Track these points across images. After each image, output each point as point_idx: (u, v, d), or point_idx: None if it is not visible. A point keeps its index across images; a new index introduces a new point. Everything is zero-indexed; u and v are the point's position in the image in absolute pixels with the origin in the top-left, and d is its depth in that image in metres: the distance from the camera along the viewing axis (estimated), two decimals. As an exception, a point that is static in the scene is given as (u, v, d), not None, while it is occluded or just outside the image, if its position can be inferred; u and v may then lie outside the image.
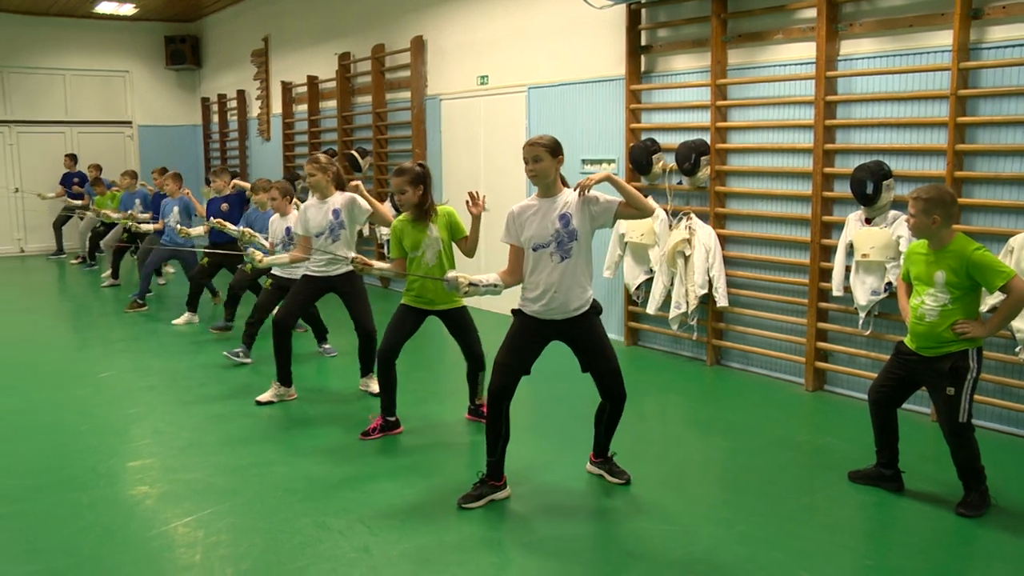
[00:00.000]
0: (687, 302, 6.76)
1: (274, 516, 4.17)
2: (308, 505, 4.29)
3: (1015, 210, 5.12)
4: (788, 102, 6.24)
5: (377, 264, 5.28)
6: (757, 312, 6.60)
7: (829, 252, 6.06)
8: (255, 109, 14.11)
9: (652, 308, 7.06)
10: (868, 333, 5.82)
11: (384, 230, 10.05)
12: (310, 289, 5.91)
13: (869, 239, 5.62)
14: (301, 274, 6.01)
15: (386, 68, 10.58)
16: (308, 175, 5.84)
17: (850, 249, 5.78)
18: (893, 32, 5.61)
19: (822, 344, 6.17)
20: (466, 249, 5.11)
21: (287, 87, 12.85)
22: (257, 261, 6.09)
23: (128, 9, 14.26)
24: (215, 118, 15.77)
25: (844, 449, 5.02)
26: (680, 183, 6.98)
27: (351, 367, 6.48)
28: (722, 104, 6.63)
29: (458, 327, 5.27)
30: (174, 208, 9.15)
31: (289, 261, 6.11)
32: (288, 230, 6.85)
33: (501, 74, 8.80)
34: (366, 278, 6.16)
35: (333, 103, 11.70)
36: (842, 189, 5.91)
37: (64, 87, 15.20)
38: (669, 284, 6.91)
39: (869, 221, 5.68)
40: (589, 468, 4.66)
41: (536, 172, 4.16)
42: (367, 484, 4.56)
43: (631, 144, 7.22)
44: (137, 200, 10.68)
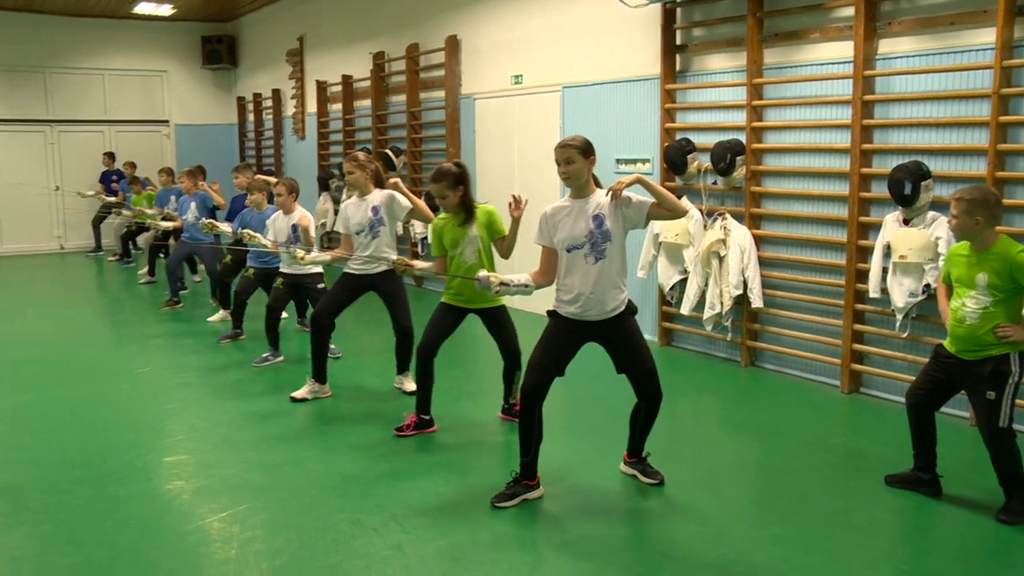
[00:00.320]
0: (721, 303, 6.72)
1: (309, 512, 4.20)
2: (342, 502, 4.31)
3: (1058, 211, 5.05)
4: (825, 102, 6.19)
5: (418, 264, 5.30)
6: (792, 313, 6.55)
7: (866, 253, 6.00)
8: (290, 108, 14.21)
9: (686, 309, 7.03)
10: (905, 335, 5.75)
11: (419, 228, 10.08)
12: (349, 287, 5.93)
13: (907, 240, 5.55)
14: (342, 272, 6.02)
15: (420, 67, 10.61)
16: (347, 172, 5.88)
17: (887, 250, 5.72)
18: (934, 30, 5.54)
19: (858, 346, 6.11)
20: (503, 250, 5.12)
21: (322, 86, 12.94)
22: (300, 259, 6.12)
23: (166, 10, 14.42)
24: (250, 117, 15.91)
25: (880, 452, 4.96)
26: (715, 183, 6.94)
27: (386, 365, 6.51)
28: (758, 104, 6.59)
29: (497, 325, 5.28)
30: (191, 204, 9.20)
31: (331, 260, 6.14)
32: (294, 227, 6.86)
33: (535, 73, 8.80)
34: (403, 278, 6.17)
35: (367, 102, 11.75)
36: (879, 190, 5.85)
37: (103, 87, 15.42)
38: (703, 284, 6.87)
39: (907, 222, 5.61)
40: (623, 468, 4.65)
41: (569, 173, 4.16)
42: (401, 481, 4.58)
43: (666, 144, 7.19)
44: (172, 197, 10.79)
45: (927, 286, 5.51)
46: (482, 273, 4.29)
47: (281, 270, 6.97)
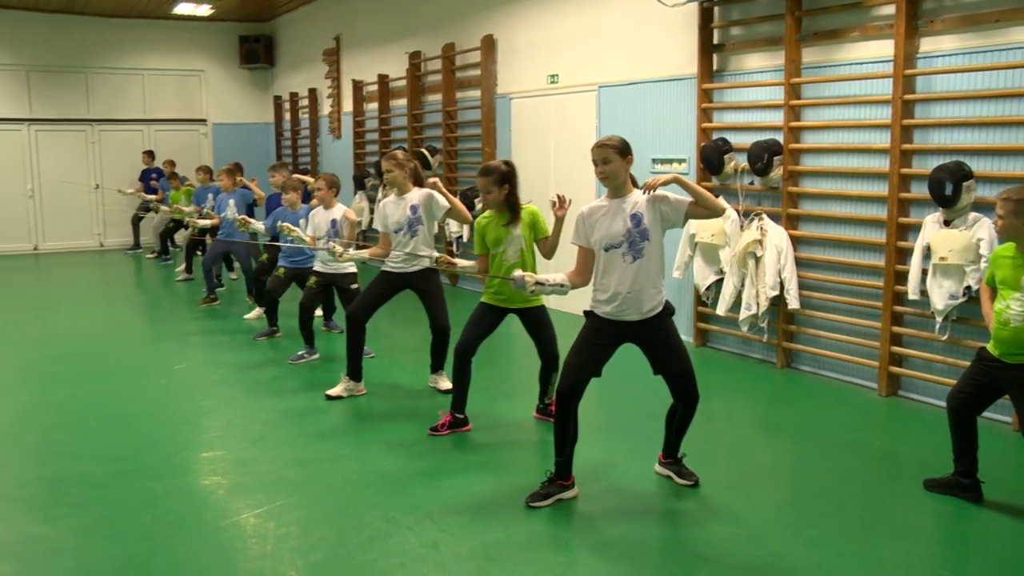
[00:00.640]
0: (758, 303, 6.67)
1: (344, 510, 4.22)
2: (377, 499, 4.33)
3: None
4: (864, 101, 6.12)
5: (460, 262, 5.31)
6: (829, 315, 6.49)
7: (905, 255, 5.92)
8: (326, 107, 14.30)
9: (722, 309, 6.98)
10: (945, 338, 5.67)
11: (454, 227, 10.10)
12: (386, 285, 5.94)
13: (948, 242, 5.48)
14: (380, 270, 6.04)
15: (456, 67, 10.64)
16: (386, 171, 5.89)
17: (927, 252, 5.64)
18: (977, 28, 5.45)
19: (897, 348, 6.03)
20: (545, 250, 5.10)
21: (358, 85, 13.01)
22: (337, 255, 6.14)
23: (205, 10, 14.57)
24: (287, 116, 16.03)
25: (919, 456, 4.90)
26: (752, 183, 6.89)
27: (421, 363, 6.52)
28: (796, 103, 6.53)
29: (536, 325, 5.28)
30: (229, 202, 9.26)
31: (368, 257, 6.16)
32: (334, 222, 6.88)
33: (571, 73, 8.79)
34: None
35: (403, 101, 11.80)
36: (919, 190, 5.78)
37: (143, 86, 15.62)
38: (740, 285, 6.82)
39: (948, 223, 5.53)
40: (657, 469, 4.63)
41: (606, 173, 4.15)
42: (436, 480, 4.59)
43: (702, 144, 7.15)
44: (209, 195, 10.88)
45: (968, 288, 5.43)
46: (517, 273, 4.29)
47: (315, 269, 6.99)
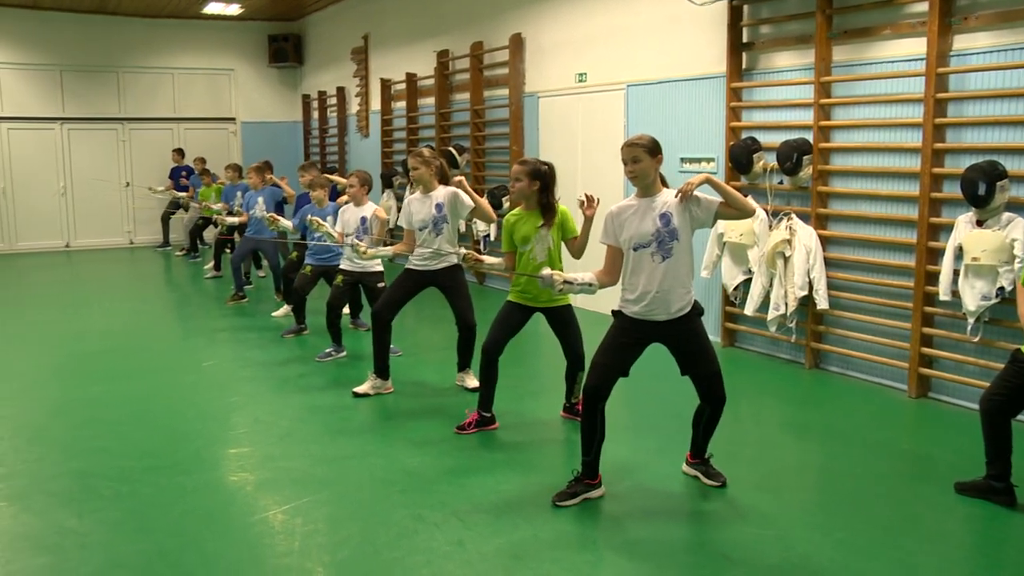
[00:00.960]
0: (786, 304, 6.63)
1: (371, 507, 4.24)
2: (404, 497, 4.34)
3: None
4: (895, 100, 6.06)
5: (487, 259, 5.31)
6: (858, 315, 6.43)
7: (936, 255, 5.86)
8: (354, 106, 14.36)
9: (750, 309, 6.94)
10: (977, 339, 5.61)
11: (482, 226, 10.10)
12: (411, 282, 5.96)
13: (980, 242, 5.41)
14: (403, 268, 6.07)
15: (484, 65, 10.64)
16: (412, 168, 5.90)
17: (959, 252, 5.58)
18: (1013, 24, 5.37)
19: (927, 350, 5.97)
20: (574, 249, 5.09)
21: (386, 84, 13.05)
22: (361, 252, 6.16)
23: (234, 9, 14.68)
24: (315, 114, 16.12)
25: (950, 459, 4.85)
26: (781, 183, 6.85)
27: (448, 362, 6.53)
28: (826, 102, 6.48)
29: (562, 325, 5.27)
30: (258, 199, 9.31)
31: (392, 255, 6.18)
32: (363, 220, 6.88)
33: (600, 72, 8.77)
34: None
35: (431, 100, 11.82)
36: (952, 190, 5.72)
37: (173, 85, 15.77)
38: (768, 285, 6.78)
39: (980, 223, 5.47)
40: (685, 469, 4.61)
41: (636, 172, 4.13)
42: (463, 478, 4.60)
43: (731, 143, 7.11)
44: (238, 192, 10.97)
45: (1001, 289, 5.37)
46: (546, 271, 4.29)
47: (341, 267, 7.02)
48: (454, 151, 10.71)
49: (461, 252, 5.49)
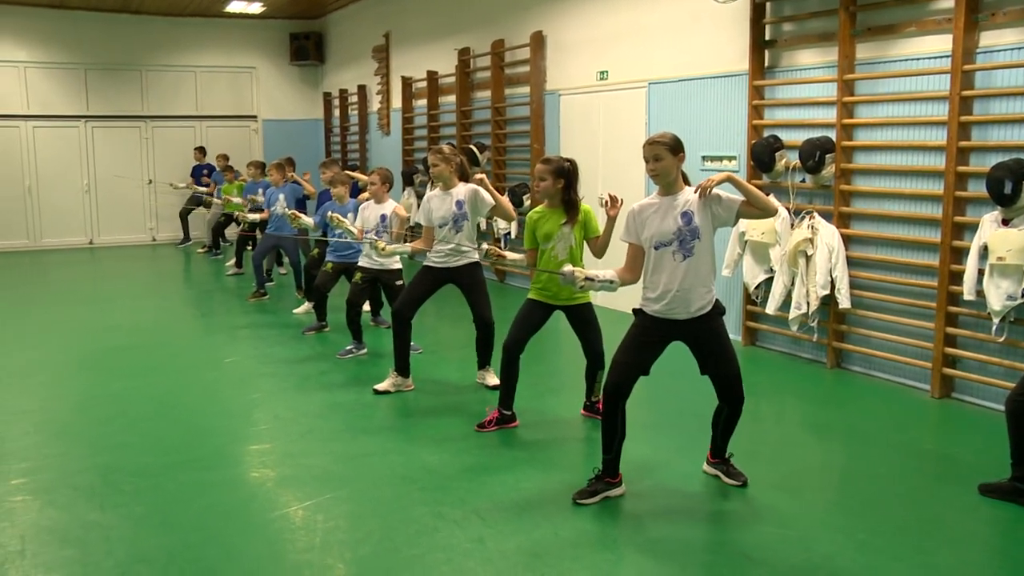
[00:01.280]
0: (808, 303, 6.59)
1: (391, 504, 4.25)
2: (425, 494, 4.35)
3: None
4: (920, 98, 6.01)
5: (509, 255, 5.31)
6: (881, 315, 6.39)
7: (960, 254, 5.81)
8: (375, 104, 14.40)
9: (772, 308, 6.91)
10: (1002, 340, 5.55)
11: (503, 224, 10.10)
12: (430, 279, 5.96)
13: (1006, 241, 5.36)
14: (422, 265, 6.07)
15: (505, 63, 10.64)
16: (432, 165, 5.91)
17: (984, 251, 5.52)
18: (1041, 22, 5.33)
19: (950, 350, 5.92)
20: (596, 249, 5.08)
21: (407, 82, 13.07)
22: (380, 249, 6.17)
23: (256, 7, 14.74)
24: (336, 113, 16.17)
25: (973, 460, 4.81)
26: (803, 181, 6.81)
27: (468, 360, 6.54)
28: (849, 100, 6.43)
29: (583, 323, 5.26)
30: (279, 196, 9.34)
31: (411, 251, 6.20)
32: (383, 218, 6.86)
33: (621, 69, 8.75)
34: (484, 273, 6.16)
35: (452, 98, 11.83)
36: (977, 188, 5.66)
37: (195, 83, 15.86)
38: (790, 284, 6.75)
39: (1007, 222, 5.41)
40: (706, 468, 4.60)
41: (657, 171, 4.12)
42: (483, 476, 4.60)
43: (753, 141, 7.08)
44: (260, 189, 11.01)
45: (1026, 289, 5.32)
46: (567, 268, 4.28)
47: (360, 264, 7.03)
48: (475, 149, 10.72)
49: (484, 248, 5.49)
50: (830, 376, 6.59)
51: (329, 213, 7.07)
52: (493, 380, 6.08)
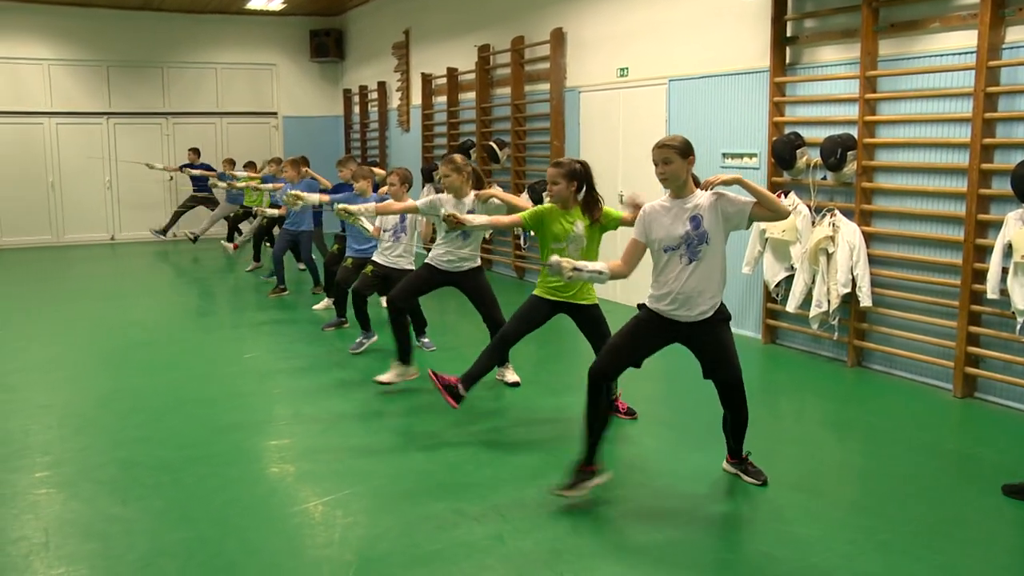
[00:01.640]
0: (829, 301, 6.55)
1: (410, 500, 4.26)
2: (444, 491, 4.35)
3: None
4: (944, 94, 5.96)
5: (470, 218, 5.17)
6: (903, 313, 6.34)
7: (984, 253, 5.75)
8: (395, 100, 14.41)
9: (792, 306, 6.87)
10: (1026, 339, 5.51)
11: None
12: (429, 276, 5.95)
13: (1030, 240, 5.31)
14: (423, 263, 6.01)
15: (525, 60, 10.63)
16: (443, 176, 5.88)
17: (1008, 250, 5.47)
18: (1067, 18, 5.27)
19: (973, 349, 5.87)
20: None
21: (427, 79, 13.07)
22: (356, 218, 6.19)
23: (277, 4, 14.78)
24: (356, 109, 16.21)
25: (997, 461, 4.76)
26: (824, 178, 6.76)
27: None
28: (871, 97, 6.38)
29: (590, 323, 5.19)
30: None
31: (376, 213, 6.18)
32: (403, 217, 6.80)
33: (641, 66, 8.72)
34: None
35: (472, 95, 11.83)
36: (1001, 186, 5.61)
37: (216, 80, 15.94)
38: (810, 282, 6.71)
39: (1031, 221, 5.36)
40: (725, 467, 4.56)
41: (666, 174, 4.10)
42: (503, 472, 4.60)
43: (774, 138, 7.03)
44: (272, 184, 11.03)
45: (1051, 288, 5.26)
46: (554, 258, 4.22)
47: (373, 258, 6.99)
48: (495, 146, 10.72)
49: (443, 213, 5.32)
50: (851, 375, 6.55)
51: (337, 206, 7.05)
52: (512, 376, 6.10)
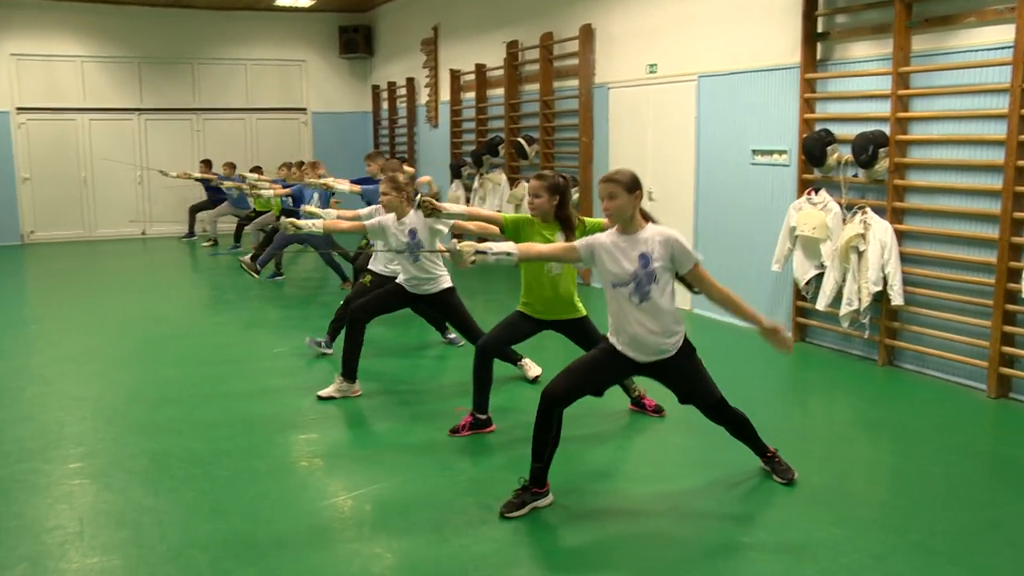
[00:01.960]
0: (859, 299, 6.49)
1: (439, 495, 4.27)
2: (473, 486, 4.37)
3: None
4: (979, 90, 5.88)
5: (447, 206, 5.00)
6: (935, 312, 6.27)
7: (1019, 251, 5.69)
8: (423, 96, 14.44)
9: (822, 304, 6.81)
10: (1061, 339, 5.44)
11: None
12: (396, 294, 5.84)
13: (1066, 238, 5.24)
14: (395, 280, 5.93)
15: (554, 56, 10.61)
16: (382, 193, 5.70)
17: (1044, 248, 5.41)
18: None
19: (1008, 349, 5.79)
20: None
21: (455, 75, 13.09)
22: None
23: (306, 1, 14.85)
24: (385, 105, 16.25)
25: (1031, 461, 4.71)
26: (855, 176, 6.71)
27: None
28: (904, 93, 6.32)
29: (582, 336, 5.08)
30: (314, 195, 9.40)
31: (323, 231, 5.94)
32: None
33: (671, 62, 8.68)
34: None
35: (500, 91, 11.82)
36: (1037, 184, 5.54)
37: (245, 76, 16.04)
38: (841, 280, 6.65)
39: (1067, 219, 5.29)
40: (761, 466, 4.52)
41: (611, 209, 3.89)
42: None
43: (804, 135, 6.98)
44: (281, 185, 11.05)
45: (1087, 287, 5.19)
46: (452, 243, 4.12)
47: (370, 268, 6.83)
48: (523, 142, 10.72)
49: (419, 198, 5.04)
50: (881, 374, 6.49)
51: (304, 206, 6.87)
52: (534, 371, 6.13)
